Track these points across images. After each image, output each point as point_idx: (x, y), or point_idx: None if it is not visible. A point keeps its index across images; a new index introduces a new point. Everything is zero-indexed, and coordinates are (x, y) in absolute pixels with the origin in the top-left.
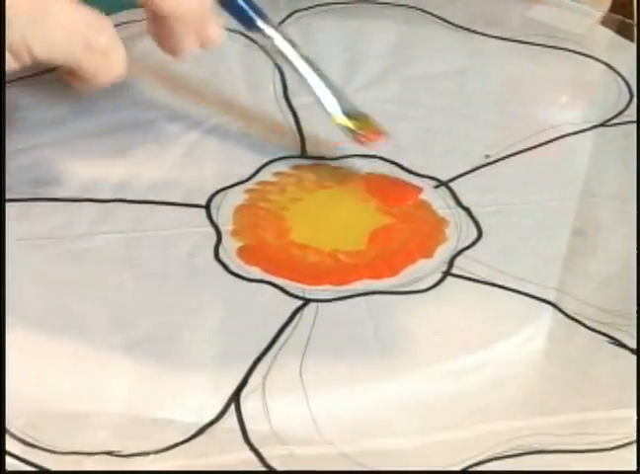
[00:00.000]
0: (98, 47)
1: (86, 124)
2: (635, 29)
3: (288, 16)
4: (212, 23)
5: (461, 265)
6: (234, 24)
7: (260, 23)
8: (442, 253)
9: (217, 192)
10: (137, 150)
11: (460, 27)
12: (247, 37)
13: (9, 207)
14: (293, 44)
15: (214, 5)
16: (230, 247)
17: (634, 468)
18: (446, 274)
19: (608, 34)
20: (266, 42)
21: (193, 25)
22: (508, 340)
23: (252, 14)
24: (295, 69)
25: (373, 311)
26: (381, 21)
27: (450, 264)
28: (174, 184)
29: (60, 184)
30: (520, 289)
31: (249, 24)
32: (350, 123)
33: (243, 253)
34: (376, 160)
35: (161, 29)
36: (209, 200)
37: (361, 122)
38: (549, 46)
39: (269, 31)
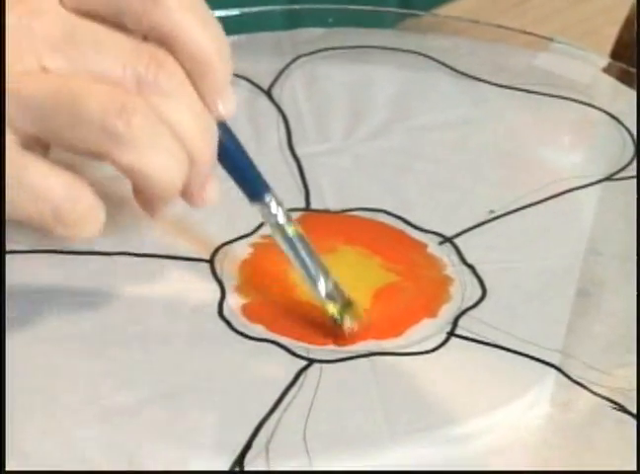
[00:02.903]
0: (69, 220)
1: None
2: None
3: (293, 61)
4: (205, 189)
5: (465, 325)
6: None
7: (267, 197)
8: (447, 312)
9: (222, 245)
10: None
11: (465, 74)
12: (252, 82)
13: (9, 260)
14: (292, 222)
15: (210, 170)
16: (234, 304)
17: (634, 468)
18: (450, 334)
19: (612, 82)
20: (267, 217)
21: (176, 196)
22: (511, 404)
23: (260, 187)
24: (293, 253)
25: (377, 373)
26: (386, 67)
27: (455, 324)
28: (177, 237)
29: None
30: (524, 352)
31: (255, 197)
32: (338, 315)
33: (247, 310)
34: (381, 214)
35: (142, 197)
36: (213, 255)
37: (347, 309)
38: (553, 96)
39: (274, 207)
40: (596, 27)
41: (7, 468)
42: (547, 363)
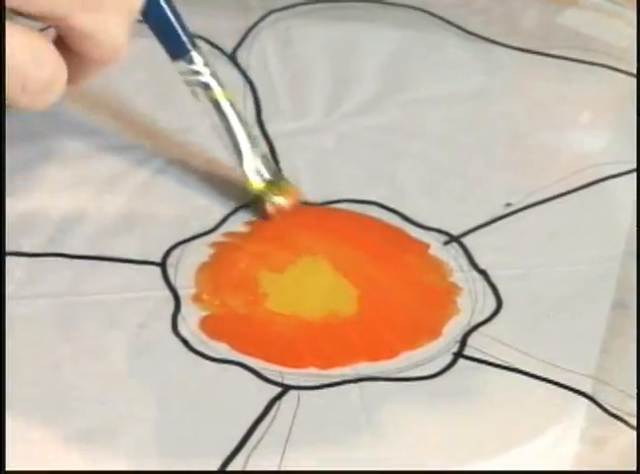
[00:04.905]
0: (36, 87)
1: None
2: None
3: (262, 18)
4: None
5: (476, 344)
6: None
7: (193, 54)
8: (453, 328)
9: (175, 245)
10: (74, 190)
11: (475, 35)
12: (211, 44)
13: None
14: (222, 85)
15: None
16: (191, 316)
17: (634, 468)
18: (458, 355)
19: None
20: (189, 76)
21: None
22: (532, 442)
23: (185, 40)
24: (221, 115)
25: (368, 403)
26: (377, 25)
27: (463, 343)
28: (121, 234)
29: None
30: (548, 377)
31: (178, 52)
32: (264, 191)
33: (207, 324)
34: (372, 207)
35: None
36: (165, 256)
37: (277, 188)
38: (583, 62)
39: (199, 64)
40: None
41: None
42: (576, 391)
